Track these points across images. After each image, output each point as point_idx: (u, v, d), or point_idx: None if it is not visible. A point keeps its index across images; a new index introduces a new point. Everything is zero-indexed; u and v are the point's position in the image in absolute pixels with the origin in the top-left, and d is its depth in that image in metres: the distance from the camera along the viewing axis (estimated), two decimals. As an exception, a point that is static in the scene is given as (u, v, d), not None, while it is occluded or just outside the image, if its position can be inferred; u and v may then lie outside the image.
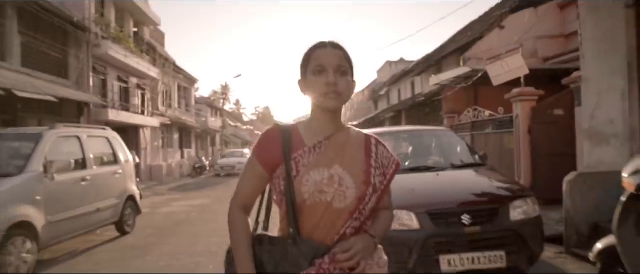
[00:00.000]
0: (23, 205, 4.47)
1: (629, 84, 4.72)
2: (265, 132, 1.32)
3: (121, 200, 6.62)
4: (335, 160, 1.24)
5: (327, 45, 1.28)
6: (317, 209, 1.20)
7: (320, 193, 1.20)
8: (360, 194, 1.22)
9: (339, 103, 1.25)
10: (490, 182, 3.98)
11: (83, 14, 13.83)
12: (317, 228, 1.20)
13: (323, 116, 1.28)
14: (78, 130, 6.16)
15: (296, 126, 1.32)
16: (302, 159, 1.23)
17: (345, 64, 1.26)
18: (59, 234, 5.06)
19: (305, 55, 1.30)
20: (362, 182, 1.24)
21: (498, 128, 8.22)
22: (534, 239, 3.45)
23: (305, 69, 1.29)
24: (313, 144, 1.26)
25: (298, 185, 1.20)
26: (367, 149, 1.31)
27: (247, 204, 1.31)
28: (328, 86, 1.22)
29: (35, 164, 4.78)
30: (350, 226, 1.23)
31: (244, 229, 1.25)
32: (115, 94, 16.68)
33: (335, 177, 1.22)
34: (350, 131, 1.35)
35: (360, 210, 1.23)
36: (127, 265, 4.91)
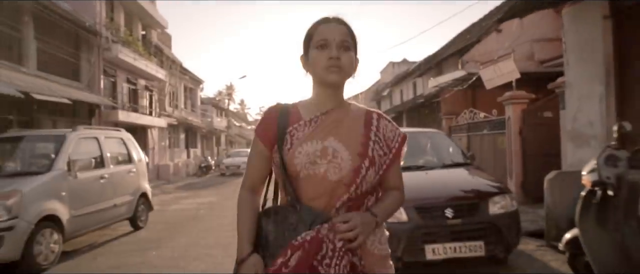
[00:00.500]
0: (50, 200, 4.93)
1: (606, 90, 5.09)
2: (266, 110, 1.34)
3: (135, 197, 7.07)
4: (330, 133, 1.24)
5: (331, 21, 1.27)
6: (312, 180, 1.20)
7: (313, 165, 1.20)
8: (355, 166, 1.21)
9: (341, 78, 1.24)
10: (474, 180, 4.38)
11: (94, 19, 14.34)
12: (314, 199, 1.20)
13: (324, 92, 1.27)
14: (96, 131, 6.63)
15: (297, 104, 1.33)
16: (297, 132, 1.25)
17: (348, 40, 1.25)
18: (81, 227, 5.52)
19: (309, 31, 1.29)
20: (358, 154, 1.22)
21: (492, 129, 8.59)
22: (510, 231, 3.85)
23: (308, 44, 1.28)
24: (309, 118, 1.27)
25: (290, 157, 1.22)
26: (367, 122, 1.30)
27: (256, 185, 1.33)
28: (330, 60, 1.21)
29: (60, 163, 5.24)
30: (348, 199, 1.22)
31: (248, 210, 1.27)
32: (125, 95, 17.20)
33: (328, 149, 1.21)
34: (351, 106, 1.33)
35: (357, 183, 1.21)
36: (144, 255, 5.36)
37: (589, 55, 5.32)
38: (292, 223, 1.18)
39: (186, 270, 4.64)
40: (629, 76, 4.94)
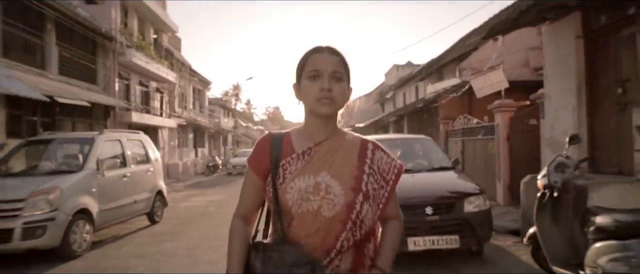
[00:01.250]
0: (83, 196, 5.61)
1: (578, 102, 5.65)
2: (258, 141, 1.33)
3: (152, 194, 7.74)
4: (323, 167, 1.22)
5: (323, 50, 1.25)
6: (306, 217, 1.18)
7: (306, 201, 1.18)
8: (348, 201, 1.18)
9: (332, 109, 1.22)
10: (454, 182, 4.98)
11: (110, 25, 15.07)
12: (309, 236, 1.17)
13: (316, 122, 1.26)
14: (119, 134, 7.31)
15: (289, 133, 1.31)
16: (290, 166, 1.23)
17: (341, 70, 1.23)
18: (107, 220, 6.19)
19: (301, 60, 1.27)
20: (351, 189, 1.20)
21: (483, 135, 9.15)
22: (482, 227, 4.45)
23: (301, 73, 1.25)
24: (302, 150, 1.25)
25: (282, 192, 1.20)
26: (361, 155, 1.27)
27: (247, 214, 1.31)
28: (322, 92, 1.19)
29: (90, 163, 5.92)
30: (347, 239, 1.18)
31: (239, 238, 1.26)
32: (137, 97, 17.94)
33: (321, 184, 1.19)
34: (346, 135, 1.31)
35: (352, 219, 1.18)
36: (162, 246, 6.02)
37: (563, 70, 5.88)
38: (276, 262, 1.15)
39: (201, 259, 5.27)
40: (597, 89, 5.50)
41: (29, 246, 4.93)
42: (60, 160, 6.22)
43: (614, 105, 5.20)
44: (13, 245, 4.84)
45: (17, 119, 10.39)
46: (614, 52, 5.20)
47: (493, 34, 6.50)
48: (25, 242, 4.87)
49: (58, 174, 5.64)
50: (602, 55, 5.42)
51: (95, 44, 14.70)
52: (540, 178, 3.84)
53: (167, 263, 5.09)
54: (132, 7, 17.35)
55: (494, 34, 6.53)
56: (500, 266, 4.52)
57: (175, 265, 4.99)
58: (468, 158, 9.90)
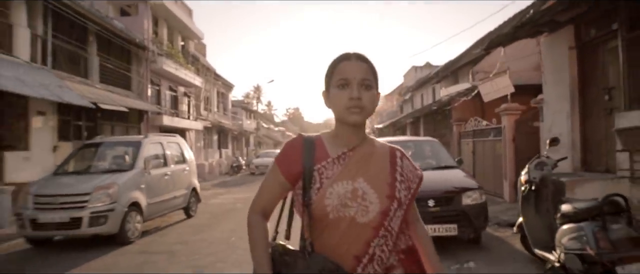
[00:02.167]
0: (135, 191, 6.55)
1: (571, 108, 6.23)
2: (288, 142, 1.31)
3: (188, 191, 8.66)
4: (359, 173, 1.22)
5: (351, 58, 1.25)
6: (341, 223, 1.17)
7: (344, 207, 1.17)
8: (383, 209, 1.19)
9: (362, 118, 1.23)
10: (455, 179, 5.65)
11: (142, 35, 16.24)
12: (340, 242, 1.17)
13: (346, 129, 1.26)
14: (161, 137, 8.25)
15: (320, 137, 1.31)
16: (326, 171, 1.21)
17: (369, 77, 1.23)
18: (153, 213, 7.13)
19: (330, 67, 1.27)
20: (386, 197, 1.20)
21: (494, 136, 9.71)
22: (478, 217, 5.12)
23: (329, 81, 1.26)
24: (337, 154, 1.24)
25: (320, 198, 1.18)
26: (392, 162, 1.28)
27: (266, 211, 1.30)
28: (351, 101, 1.19)
29: (140, 162, 6.86)
30: (379, 246, 1.19)
31: (261, 232, 1.25)
32: (167, 102, 19.12)
33: (358, 191, 1.19)
34: (375, 142, 1.32)
35: (385, 226, 1.19)
36: (200, 235, 6.90)
37: (559, 78, 6.47)
38: (301, 269, 1.14)
39: (235, 245, 6.11)
40: (589, 96, 6.07)
41: (94, 232, 5.89)
42: (113, 160, 7.19)
43: (602, 110, 5.77)
44: (82, 231, 5.81)
45: (66, 124, 11.56)
46: (602, 62, 5.78)
47: (493, 47, 7.13)
48: (91, 229, 5.83)
49: (114, 173, 6.59)
50: (592, 65, 6.00)
51: (130, 53, 15.89)
52: (523, 175, 4.51)
53: (207, 249, 5.95)
54: (162, 17, 18.53)
55: (493, 47, 7.16)
56: (494, 252, 5.18)
57: (214, 250, 5.85)
58: (478, 158, 10.47)
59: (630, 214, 3.16)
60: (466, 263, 4.57)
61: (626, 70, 5.07)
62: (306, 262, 1.14)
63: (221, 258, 5.39)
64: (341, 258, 1.16)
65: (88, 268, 5.06)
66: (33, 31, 10.52)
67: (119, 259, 5.48)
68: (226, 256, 5.49)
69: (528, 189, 4.43)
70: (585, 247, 3.16)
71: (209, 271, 4.78)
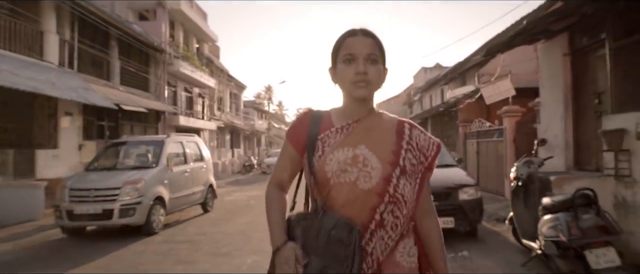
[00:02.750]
0: (159, 186, 7.14)
1: (565, 111, 6.63)
2: (297, 116, 1.37)
3: (206, 187, 9.25)
4: (362, 141, 1.24)
5: (357, 33, 1.26)
6: (342, 188, 1.20)
7: (344, 172, 1.20)
8: (385, 175, 1.20)
9: (369, 92, 1.25)
10: (454, 176, 6.11)
11: (160, 38, 16.94)
12: (345, 206, 1.19)
13: (354, 102, 1.28)
14: (181, 137, 8.85)
15: (329, 111, 1.34)
16: (329, 139, 1.26)
17: (375, 52, 1.24)
18: (175, 206, 7.72)
19: (336, 43, 1.28)
20: (389, 163, 1.22)
21: (497, 137, 10.10)
22: (473, 212, 5.58)
23: (336, 57, 1.27)
24: (341, 125, 1.27)
25: (322, 163, 1.23)
26: (399, 131, 1.29)
27: (282, 183, 1.36)
28: (357, 75, 1.21)
29: (163, 160, 7.46)
30: (388, 212, 1.20)
31: (278, 203, 1.31)
32: (183, 102, 19.83)
33: (359, 157, 1.21)
34: (383, 115, 1.33)
35: (390, 193, 1.20)
36: (218, 227, 7.46)
37: (554, 83, 6.87)
38: (315, 229, 1.18)
39: (251, 236, 6.65)
40: (581, 100, 6.46)
41: (123, 223, 6.50)
42: (139, 158, 7.79)
43: (592, 113, 6.16)
44: (113, 221, 6.42)
45: (90, 124, 12.28)
46: (593, 69, 6.17)
47: (491, 54, 7.54)
48: (121, 219, 6.44)
49: (140, 169, 7.19)
50: (583, 71, 6.39)
51: (148, 56, 16.60)
52: (512, 172, 4.95)
53: (225, 239, 6.50)
54: (178, 21, 19.23)
55: (492, 54, 7.56)
56: (488, 244, 5.63)
57: (231, 240, 6.40)
58: (482, 158, 10.86)
59: (599, 206, 3.60)
60: (460, 252, 5.03)
61: (613, 76, 5.46)
62: (319, 221, 1.18)
63: (238, 247, 5.94)
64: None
65: (119, 255, 5.65)
66: (61, 37, 11.24)
67: (146, 247, 6.07)
68: (243, 245, 6.03)
69: (516, 185, 4.88)
70: (559, 234, 3.61)
71: (228, 258, 5.32)
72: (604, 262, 3.38)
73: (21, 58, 9.51)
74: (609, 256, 3.38)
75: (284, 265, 1.15)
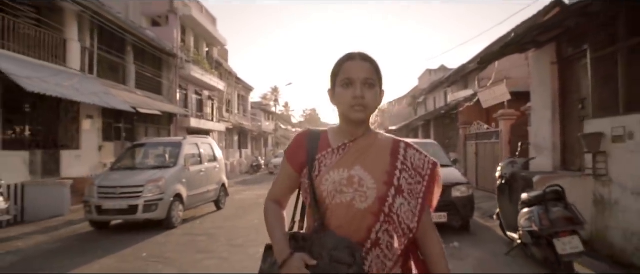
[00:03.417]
0: (178, 184, 7.77)
1: (552, 115, 7.15)
2: (296, 135, 1.41)
3: (219, 186, 9.87)
4: (357, 161, 1.28)
5: (355, 58, 1.31)
6: (339, 208, 1.23)
7: (340, 193, 1.23)
8: (380, 195, 1.23)
9: (365, 116, 1.29)
10: (448, 175, 6.64)
11: (172, 43, 17.65)
12: (342, 226, 1.22)
13: (350, 124, 1.32)
14: (196, 139, 9.49)
15: (326, 131, 1.40)
16: (325, 160, 1.30)
17: (373, 77, 1.29)
18: (191, 203, 8.35)
19: (335, 67, 1.33)
20: (383, 183, 1.25)
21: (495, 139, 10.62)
22: (464, 208, 6.13)
23: (335, 80, 1.32)
24: (337, 145, 1.32)
25: (318, 184, 1.26)
26: (394, 152, 1.32)
27: (280, 199, 1.40)
28: (355, 99, 1.25)
29: (181, 160, 8.10)
30: (383, 231, 1.23)
31: (277, 217, 1.35)
32: (193, 105, 20.53)
33: (355, 177, 1.25)
34: (378, 135, 1.38)
35: (385, 212, 1.22)
36: (231, 223, 8.07)
37: (543, 89, 7.39)
38: (317, 249, 1.19)
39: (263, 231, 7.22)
40: (567, 106, 6.99)
41: (146, 217, 7.14)
42: (159, 158, 8.44)
43: (577, 118, 6.68)
44: (137, 216, 7.07)
45: (108, 126, 12.98)
46: (577, 77, 6.70)
47: (484, 63, 8.07)
48: (145, 214, 7.08)
49: (160, 169, 7.83)
50: (569, 78, 6.92)
51: (161, 60, 17.31)
52: (498, 171, 5.51)
53: (239, 232, 7.11)
54: (189, 26, 19.94)
55: (485, 63, 8.10)
56: (478, 236, 6.19)
57: (244, 233, 7.00)
58: (480, 159, 11.38)
59: (566, 200, 4.15)
60: (452, 244, 5.59)
61: (593, 84, 5.99)
62: (320, 241, 1.20)
63: (251, 239, 6.54)
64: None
65: (145, 245, 6.27)
66: (82, 44, 11.95)
67: (168, 239, 6.70)
68: (256, 237, 6.64)
69: (501, 183, 5.44)
70: (532, 225, 4.17)
71: (243, 249, 5.93)
72: (570, 248, 3.93)
73: (49, 66, 10.22)
74: (573, 244, 3.93)
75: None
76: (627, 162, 5.06)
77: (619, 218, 5.20)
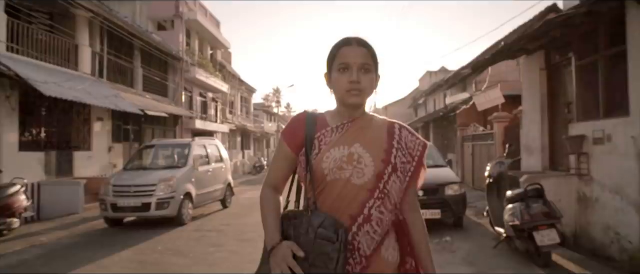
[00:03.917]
0: (187, 183, 8.22)
1: (541, 118, 7.58)
2: (294, 116, 1.42)
3: (225, 185, 10.32)
4: (356, 139, 1.30)
5: (352, 42, 1.31)
6: (337, 184, 1.26)
7: (339, 169, 1.26)
8: (378, 172, 1.27)
9: (361, 99, 1.32)
10: (442, 175, 7.09)
11: (177, 47, 18.11)
12: (336, 200, 1.26)
13: (347, 108, 1.35)
14: (204, 140, 9.94)
15: (323, 113, 1.42)
16: (325, 138, 1.32)
17: (369, 61, 1.30)
18: (200, 202, 8.80)
19: (331, 52, 1.34)
20: (381, 161, 1.28)
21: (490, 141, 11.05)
22: (457, 205, 6.57)
23: (331, 64, 1.33)
24: (336, 124, 1.34)
25: (319, 161, 1.28)
26: (390, 131, 1.36)
27: (277, 184, 1.40)
28: (351, 84, 1.27)
29: (190, 161, 8.55)
30: (376, 207, 1.26)
31: (272, 204, 1.36)
32: (198, 107, 21.00)
33: (354, 155, 1.28)
34: (374, 116, 1.41)
35: (380, 188, 1.27)
36: (238, 220, 8.52)
37: (533, 93, 7.82)
38: (305, 227, 1.23)
39: (267, 227, 7.67)
40: (555, 109, 7.41)
41: (159, 214, 7.59)
42: (169, 159, 8.90)
43: (563, 121, 7.11)
44: (150, 213, 7.52)
45: (117, 128, 13.45)
46: (564, 82, 7.12)
47: (476, 69, 8.49)
48: (157, 211, 7.53)
49: (171, 168, 8.29)
50: (557, 84, 7.35)
51: (167, 64, 17.78)
52: (486, 171, 5.94)
53: (247, 228, 7.55)
54: (194, 30, 20.41)
55: (477, 69, 8.52)
56: (469, 231, 6.62)
57: (252, 229, 7.43)
58: (476, 159, 11.81)
59: (545, 197, 4.59)
60: (444, 238, 6.02)
61: (577, 90, 6.42)
62: (308, 218, 1.23)
63: (259, 234, 6.87)
64: (337, 216, 1.23)
65: (159, 240, 6.72)
66: (93, 49, 12.42)
67: (180, 234, 7.14)
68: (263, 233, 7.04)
69: (489, 182, 5.87)
70: (514, 220, 4.60)
71: (252, 243, 6.37)
72: (548, 240, 4.36)
73: (62, 70, 10.68)
74: (551, 236, 4.36)
75: (281, 263, 1.18)
76: (606, 162, 5.50)
77: (598, 213, 5.64)
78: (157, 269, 5.05)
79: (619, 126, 5.23)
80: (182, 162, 8.51)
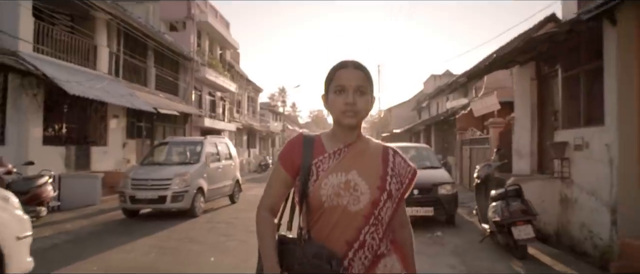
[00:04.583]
0: (200, 179, 8.83)
1: (531, 125, 8.10)
2: (290, 140, 1.45)
3: (233, 182, 10.92)
4: (353, 166, 1.34)
5: (348, 66, 1.37)
6: (334, 211, 1.29)
7: (337, 196, 1.29)
8: (373, 199, 1.30)
9: (356, 121, 1.36)
10: (437, 175, 7.63)
11: (188, 47, 18.76)
12: (333, 228, 1.29)
13: (343, 129, 1.39)
14: (215, 139, 10.56)
15: (319, 135, 1.44)
16: (322, 164, 1.35)
17: (364, 84, 1.35)
18: (211, 196, 9.41)
19: (329, 74, 1.39)
20: (377, 188, 1.32)
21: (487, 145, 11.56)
22: (449, 204, 7.12)
23: (328, 86, 1.39)
24: (333, 150, 1.37)
25: (317, 188, 1.31)
26: (384, 158, 1.40)
27: (273, 207, 1.42)
28: (347, 105, 1.32)
29: (203, 157, 9.16)
30: (370, 233, 1.30)
31: (269, 227, 1.36)
32: (207, 105, 21.65)
33: (351, 182, 1.31)
34: (370, 141, 1.45)
35: (375, 215, 1.30)
36: (246, 214, 9.10)
37: (524, 101, 8.34)
38: (299, 256, 1.25)
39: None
40: (543, 117, 7.93)
41: (174, 207, 8.21)
42: (183, 155, 9.52)
43: (551, 128, 7.64)
44: (166, 205, 8.14)
45: (131, 125, 14.11)
46: (552, 92, 7.65)
47: (472, 79, 9.02)
48: (172, 204, 8.15)
49: (185, 164, 8.90)
50: (546, 93, 7.87)
51: (178, 64, 18.44)
52: (475, 172, 6.48)
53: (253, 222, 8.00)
54: (204, 31, 21.07)
55: (472, 78, 9.05)
56: (460, 228, 7.17)
57: (258, 223, 8.03)
58: (473, 162, 12.30)
59: (523, 196, 5.13)
60: (436, 233, 6.57)
61: (563, 99, 6.95)
62: (302, 248, 1.26)
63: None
64: (334, 243, 1.27)
65: (174, 229, 7.32)
66: (110, 49, 13.08)
67: (193, 225, 7.75)
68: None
69: (477, 183, 6.42)
70: (496, 216, 5.15)
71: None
72: (524, 234, 4.90)
73: (82, 70, 11.34)
74: (527, 231, 4.91)
75: None
76: (584, 167, 6.02)
77: (577, 213, 6.16)
78: (176, 254, 5.66)
79: (596, 134, 5.75)
80: (195, 159, 9.12)
